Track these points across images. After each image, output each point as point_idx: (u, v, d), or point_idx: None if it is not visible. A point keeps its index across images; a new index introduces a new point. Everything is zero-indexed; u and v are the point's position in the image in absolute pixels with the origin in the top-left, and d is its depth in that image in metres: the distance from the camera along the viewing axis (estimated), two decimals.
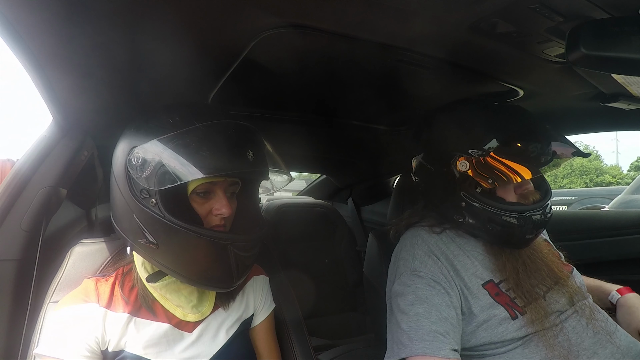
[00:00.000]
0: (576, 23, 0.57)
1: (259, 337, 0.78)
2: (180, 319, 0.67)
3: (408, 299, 0.75)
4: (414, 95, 1.02)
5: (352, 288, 1.91)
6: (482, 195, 0.76)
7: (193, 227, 0.58)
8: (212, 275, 0.63)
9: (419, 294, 0.75)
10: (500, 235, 0.77)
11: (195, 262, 0.62)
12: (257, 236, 0.67)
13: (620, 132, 3.69)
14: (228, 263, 0.61)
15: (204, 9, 0.56)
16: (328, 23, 0.62)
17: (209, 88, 0.85)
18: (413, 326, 0.70)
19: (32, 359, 0.64)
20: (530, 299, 0.74)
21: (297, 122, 1.19)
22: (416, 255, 0.81)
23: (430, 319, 0.70)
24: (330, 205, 2.09)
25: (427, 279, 0.77)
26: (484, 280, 0.78)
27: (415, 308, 0.73)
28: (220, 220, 0.65)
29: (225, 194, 0.65)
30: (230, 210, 0.65)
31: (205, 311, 0.69)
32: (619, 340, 0.73)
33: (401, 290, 0.77)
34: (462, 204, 0.78)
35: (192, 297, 0.68)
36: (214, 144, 0.59)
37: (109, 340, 0.62)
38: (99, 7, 0.53)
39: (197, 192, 0.63)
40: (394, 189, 1.33)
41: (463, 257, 0.81)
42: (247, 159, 0.60)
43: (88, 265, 0.74)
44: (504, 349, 0.72)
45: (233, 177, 0.66)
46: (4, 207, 0.71)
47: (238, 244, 0.61)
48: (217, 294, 0.72)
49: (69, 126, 0.83)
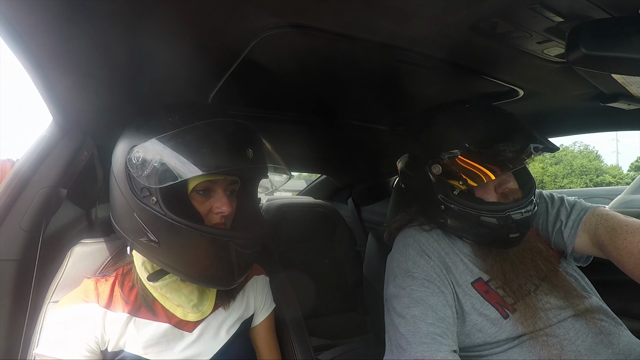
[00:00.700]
0: (576, 23, 0.57)
1: (259, 337, 0.78)
2: (180, 319, 0.67)
3: (404, 302, 0.75)
4: (414, 95, 1.02)
5: (352, 288, 1.91)
6: (459, 197, 0.76)
7: (195, 225, 0.59)
8: (214, 273, 0.63)
9: (414, 295, 0.75)
10: (484, 236, 0.77)
11: (197, 259, 0.62)
12: (258, 234, 0.67)
13: (620, 132, 3.68)
14: (229, 261, 0.61)
15: (204, 9, 0.56)
16: (328, 23, 0.62)
17: (209, 88, 0.85)
18: (411, 329, 0.70)
19: (32, 359, 0.64)
20: (519, 296, 0.75)
21: (297, 122, 1.20)
22: (409, 256, 0.82)
23: (427, 321, 0.71)
24: (330, 205, 2.09)
25: (421, 279, 0.77)
26: (474, 278, 0.78)
27: (412, 311, 0.73)
28: (221, 218, 0.65)
29: (225, 193, 0.66)
30: (230, 208, 0.65)
31: (205, 310, 0.69)
32: (621, 341, 0.73)
33: (396, 293, 0.77)
34: (441, 207, 0.78)
35: (193, 297, 0.68)
36: (213, 142, 0.60)
37: (109, 340, 0.62)
38: (99, 7, 0.53)
39: (197, 190, 0.64)
40: (394, 189, 1.33)
41: (453, 255, 0.81)
42: (246, 156, 0.60)
43: (88, 265, 0.74)
44: (499, 349, 0.72)
45: (233, 175, 0.66)
46: (4, 207, 0.71)
47: (239, 242, 0.62)
48: (218, 293, 0.72)
49: (69, 126, 0.83)
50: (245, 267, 0.65)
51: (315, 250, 1.92)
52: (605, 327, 0.74)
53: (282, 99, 1.04)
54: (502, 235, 0.75)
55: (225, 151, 0.60)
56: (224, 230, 0.64)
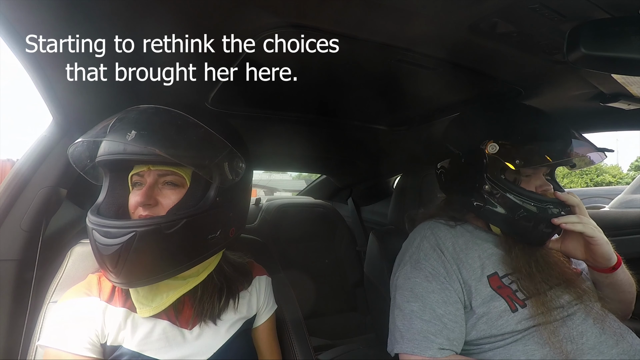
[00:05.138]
0: (576, 23, 0.57)
1: (260, 337, 0.78)
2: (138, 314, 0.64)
3: (405, 295, 0.77)
4: (414, 95, 1.02)
5: (352, 288, 1.91)
6: (507, 181, 0.77)
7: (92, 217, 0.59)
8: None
9: (416, 290, 0.77)
10: (517, 224, 0.77)
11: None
12: (123, 223, 0.57)
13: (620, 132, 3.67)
14: (97, 252, 0.58)
15: (204, 9, 0.56)
16: (328, 23, 0.62)
17: (209, 88, 0.85)
18: (406, 324, 0.74)
19: (32, 358, 0.64)
20: (532, 293, 0.75)
21: (297, 122, 1.19)
22: (422, 247, 0.83)
23: (423, 318, 0.73)
24: (330, 205, 2.09)
25: (426, 272, 0.78)
26: (490, 272, 0.78)
27: (410, 305, 0.75)
28: (144, 210, 0.61)
29: (152, 184, 0.62)
30: (144, 197, 0.60)
31: (158, 306, 0.64)
32: (628, 343, 0.72)
33: (401, 284, 0.80)
34: (485, 187, 0.78)
35: (143, 290, 0.64)
36: (107, 127, 0.60)
37: (108, 334, 0.62)
38: (99, 7, 0.53)
39: (133, 183, 0.65)
40: (395, 189, 1.33)
41: (471, 250, 0.81)
42: (124, 139, 0.56)
43: (88, 265, 0.74)
44: (503, 342, 0.72)
45: (142, 162, 0.63)
46: (4, 207, 0.71)
47: (97, 229, 0.58)
48: (196, 307, 0.68)
49: (69, 126, 0.83)
50: (123, 265, 0.56)
51: (315, 250, 1.92)
52: (614, 328, 0.74)
53: (282, 99, 1.04)
54: (535, 226, 0.76)
55: (111, 135, 0.59)
56: (95, 217, 0.60)
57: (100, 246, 0.57)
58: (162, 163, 0.62)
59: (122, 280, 0.57)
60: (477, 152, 0.79)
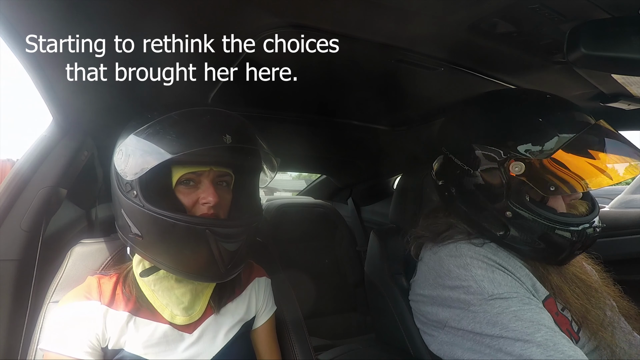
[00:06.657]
0: (576, 23, 0.57)
1: (260, 339, 0.78)
2: (168, 321, 0.65)
3: (513, 326, 0.59)
4: (414, 95, 1.02)
5: (352, 288, 1.91)
6: (533, 204, 0.64)
7: (170, 213, 0.58)
8: (196, 265, 0.62)
9: (525, 316, 0.60)
10: (546, 251, 0.66)
11: (177, 249, 0.61)
12: (240, 222, 0.65)
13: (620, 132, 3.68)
14: (210, 251, 0.60)
15: (204, 9, 0.56)
16: (328, 23, 0.62)
17: (209, 88, 0.85)
18: (551, 354, 0.56)
19: (32, 357, 0.64)
20: (582, 319, 0.65)
21: (297, 122, 1.20)
22: (477, 277, 0.65)
23: (562, 342, 0.58)
24: (330, 205, 2.09)
25: (516, 297, 0.62)
26: (545, 294, 0.66)
27: (538, 335, 0.57)
28: (208, 209, 0.63)
29: (212, 184, 0.64)
30: (217, 198, 0.63)
31: (195, 315, 0.67)
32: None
33: (492, 320, 0.61)
34: (507, 214, 0.65)
35: (184, 299, 0.67)
36: (184, 128, 0.60)
37: (109, 338, 0.62)
38: (99, 7, 0.54)
39: (182, 181, 0.64)
40: (395, 189, 1.33)
41: (517, 272, 0.67)
42: (223, 142, 0.59)
43: (88, 265, 0.74)
44: None
45: (218, 165, 0.65)
46: (4, 207, 0.71)
47: (216, 230, 0.59)
48: (212, 296, 0.70)
49: (69, 126, 0.83)
50: (231, 260, 0.62)
51: (315, 250, 1.92)
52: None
53: (283, 99, 1.04)
54: (569, 251, 0.65)
55: (199, 137, 0.60)
56: (200, 218, 0.62)
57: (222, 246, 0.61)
58: (226, 164, 0.66)
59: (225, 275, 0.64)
60: (493, 172, 0.66)
